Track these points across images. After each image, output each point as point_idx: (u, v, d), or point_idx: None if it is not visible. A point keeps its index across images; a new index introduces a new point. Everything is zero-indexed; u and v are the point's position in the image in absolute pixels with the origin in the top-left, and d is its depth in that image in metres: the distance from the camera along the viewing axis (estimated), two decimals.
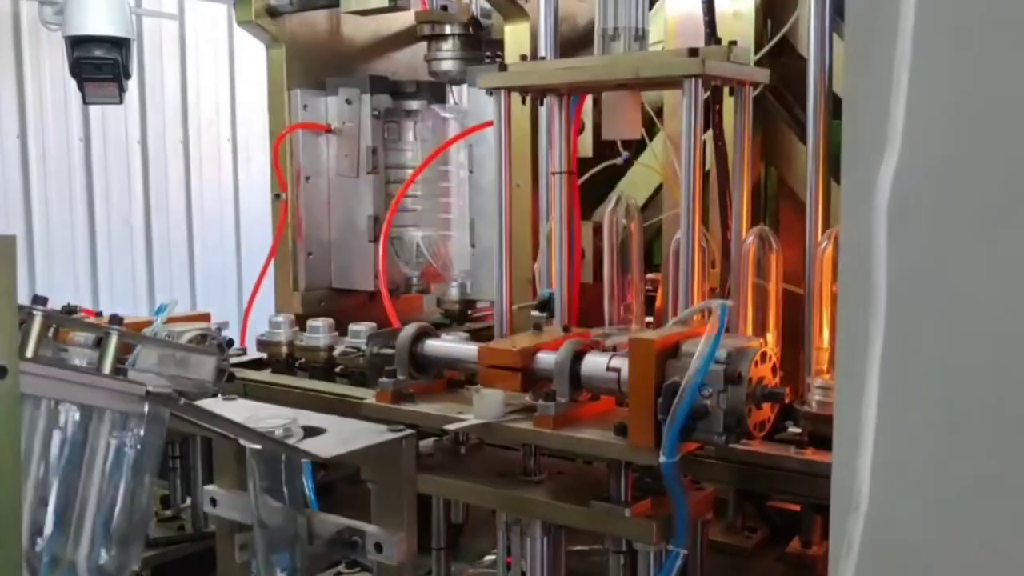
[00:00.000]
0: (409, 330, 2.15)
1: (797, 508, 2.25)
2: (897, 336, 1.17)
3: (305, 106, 3.39)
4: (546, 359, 1.99)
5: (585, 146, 2.85)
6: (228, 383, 2.40)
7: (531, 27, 2.85)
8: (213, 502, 1.84)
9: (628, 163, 2.81)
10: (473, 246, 3.28)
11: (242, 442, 1.59)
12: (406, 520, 1.67)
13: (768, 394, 1.79)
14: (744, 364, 1.75)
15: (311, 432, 1.68)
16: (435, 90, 3.49)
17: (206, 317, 2.71)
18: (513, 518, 2.03)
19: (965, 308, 1.13)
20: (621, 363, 1.88)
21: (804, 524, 2.22)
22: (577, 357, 1.95)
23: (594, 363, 1.94)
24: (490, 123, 3.02)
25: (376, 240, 3.32)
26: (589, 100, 2.63)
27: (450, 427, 1.97)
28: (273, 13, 3.33)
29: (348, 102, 3.35)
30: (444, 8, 3.46)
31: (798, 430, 2.17)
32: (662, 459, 1.73)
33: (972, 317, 1.13)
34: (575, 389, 1.95)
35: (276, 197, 3.39)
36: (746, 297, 2.24)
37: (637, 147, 2.72)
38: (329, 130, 3.40)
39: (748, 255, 2.23)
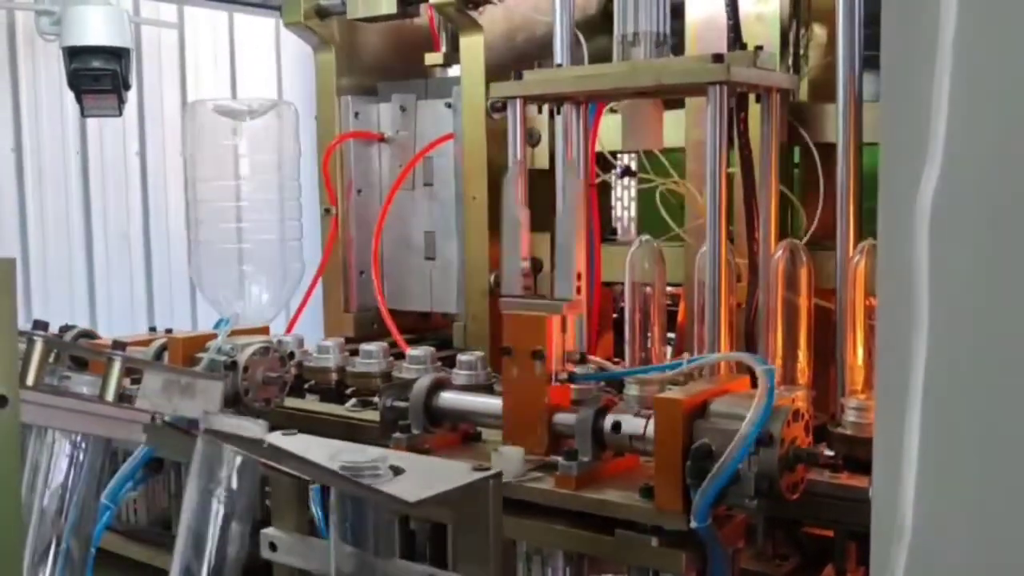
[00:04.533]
0: (424, 382, 2.13)
1: (830, 534, 2.23)
2: (941, 354, 1.15)
3: (356, 114, 3.33)
4: (567, 416, 1.99)
5: (541, 157, 2.86)
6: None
7: (485, 40, 2.87)
8: (272, 547, 1.79)
9: (630, 174, 2.82)
10: (433, 258, 3.25)
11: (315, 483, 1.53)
12: (493, 567, 1.61)
13: (801, 455, 1.78)
14: (776, 425, 1.73)
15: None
16: None
17: (265, 330, 2.73)
18: (533, 547, 2.02)
19: (1013, 323, 1.12)
20: (646, 421, 1.88)
21: (838, 551, 2.20)
22: (600, 414, 1.94)
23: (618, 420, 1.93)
24: (450, 136, 3.07)
25: (432, 258, 3.28)
26: (533, 110, 2.66)
27: None
28: (323, 14, 3.26)
29: (402, 109, 3.27)
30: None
31: (831, 453, 2.15)
32: (693, 524, 1.73)
33: (1020, 333, 1.11)
34: (598, 447, 1.94)
35: (326, 212, 3.34)
36: (776, 313, 2.23)
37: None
38: (382, 139, 3.34)
39: (778, 269, 2.22)
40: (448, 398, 2.16)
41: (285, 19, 3.31)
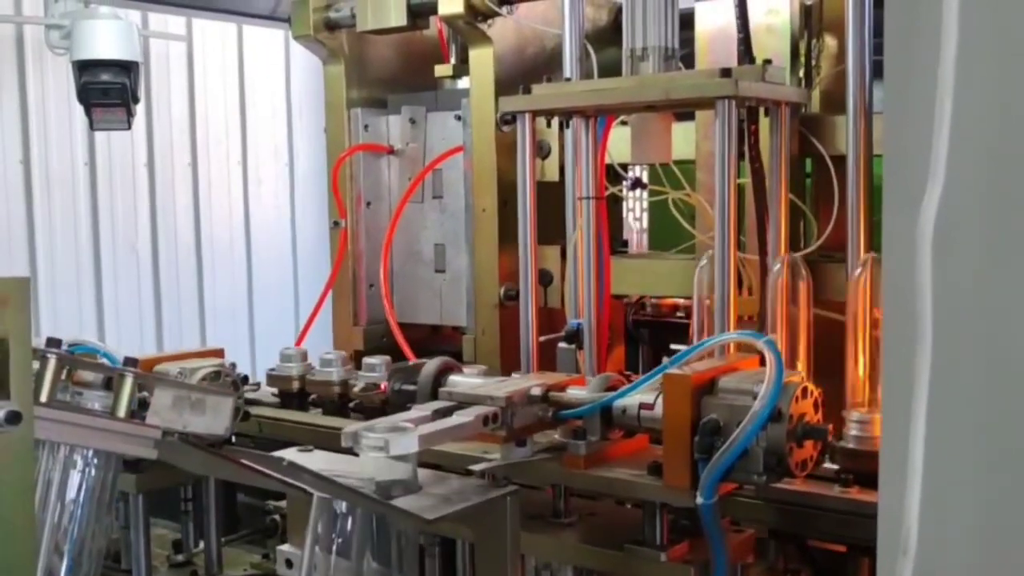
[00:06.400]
0: (432, 365, 2.17)
1: (842, 549, 2.25)
2: (944, 370, 1.18)
3: (366, 126, 3.36)
4: (576, 395, 2.01)
5: (551, 169, 2.88)
6: (243, 421, 2.42)
7: (495, 52, 2.90)
8: (288, 564, 1.81)
9: (640, 186, 2.85)
10: (443, 271, 3.28)
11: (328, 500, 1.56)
12: None
13: (810, 431, 1.80)
14: (785, 400, 1.76)
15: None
16: None
17: (219, 353, 2.72)
18: (543, 562, 2.05)
19: (1014, 340, 1.14)
20: (654, 399, 1.90)
21: (849, 566, 2.22)
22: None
23: (626, 399, 1.96)
24: (459, 148, 3.09)
25: (442, 271, 3.31)
26: (543, 121, 2.68)
27: (476, 468, 1.99)
28: (332, 26, 3.29)
29: (412, 121, 3.31)
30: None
31: (834, 466, 2.17)
32: (699, 500, 1.75)
33: (1022, 348, 1.14)
34: (606, 427, 1.97)
35: (335, 224, 3.36)
36: (780, 327, 2.25)
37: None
38: (391, 151, 3.38)
39: (778, 284, 2.24)
40: (456, 381, 2.19)
41: (294, 32, 3.35)
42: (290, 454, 1.72)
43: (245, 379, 2.72)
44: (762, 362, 1.83)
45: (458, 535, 2.16)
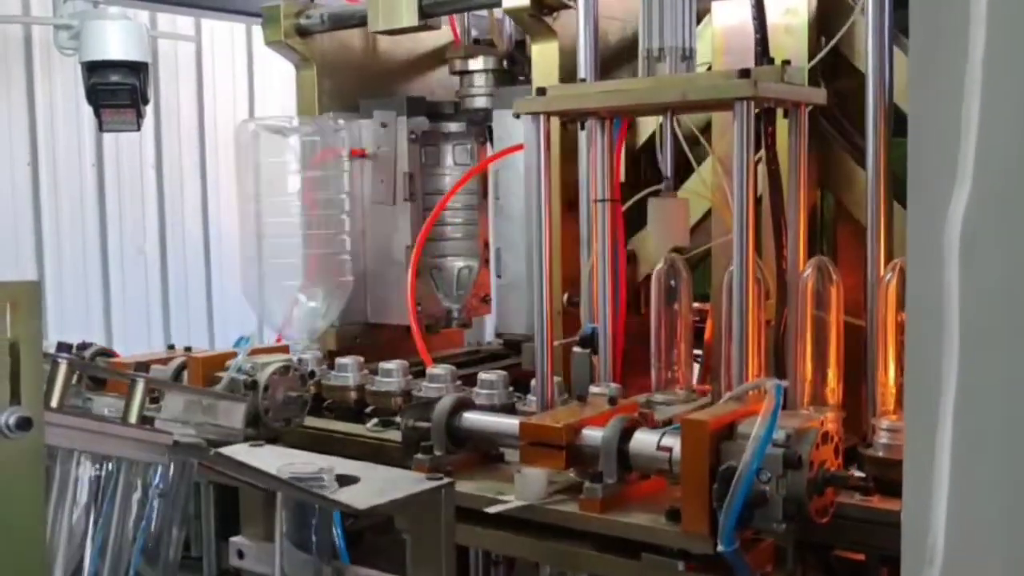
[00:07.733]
0: (446, 403, 2.17)
1: (862, 558, 2.23)
2: (972, 378, 1.16)
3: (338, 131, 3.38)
4: (592, 436, 2.00)
5: None
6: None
7: (559, 46, 2.86)
8: (240, 554, 1.86)
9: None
10: (499, 276, 3.26)
11: (278, 492, 1.61)
12: (444, 574, 1.68)
13: (831, 478, 1.80)
14: (804, 447, 1.75)
15: (344, 481, 1.69)
16: (475, 111, 3.48)
17: (285, 349, 2.80)
18: (558, 571, 2.04)
19: None
20: (672, 442, 1.89)
21: (869, 575, 2.20)
22: (625, 435, 1.96)
23: (643, 441, 1.95)
24: (520, 147, 3.06)
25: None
26: None
27: (491, 510, 1.98)
28: (303, 32, 3.35)
29: (383, 125, 3.35)
30: (476, 42, 3.46)
31: (862, 475, 2.16)
32: (720, 548, 1.74)
33: None
34: (623, 469, 1.96)
35: None
36: (804, 332, 2.23)
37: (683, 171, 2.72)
38: (364, 155, 3.41)
39: (806, 287, 2.23)
40: (471, 419, 2.19)
41: (266, 38, 3.40)
42: (242, 450, 1.76)
43: (312, 374, 2.80)
44: (784, 404, 1.83)
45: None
